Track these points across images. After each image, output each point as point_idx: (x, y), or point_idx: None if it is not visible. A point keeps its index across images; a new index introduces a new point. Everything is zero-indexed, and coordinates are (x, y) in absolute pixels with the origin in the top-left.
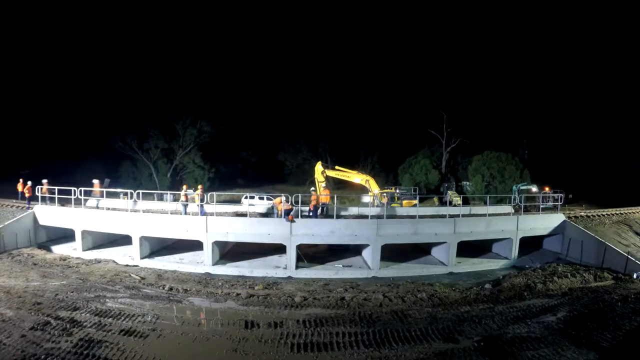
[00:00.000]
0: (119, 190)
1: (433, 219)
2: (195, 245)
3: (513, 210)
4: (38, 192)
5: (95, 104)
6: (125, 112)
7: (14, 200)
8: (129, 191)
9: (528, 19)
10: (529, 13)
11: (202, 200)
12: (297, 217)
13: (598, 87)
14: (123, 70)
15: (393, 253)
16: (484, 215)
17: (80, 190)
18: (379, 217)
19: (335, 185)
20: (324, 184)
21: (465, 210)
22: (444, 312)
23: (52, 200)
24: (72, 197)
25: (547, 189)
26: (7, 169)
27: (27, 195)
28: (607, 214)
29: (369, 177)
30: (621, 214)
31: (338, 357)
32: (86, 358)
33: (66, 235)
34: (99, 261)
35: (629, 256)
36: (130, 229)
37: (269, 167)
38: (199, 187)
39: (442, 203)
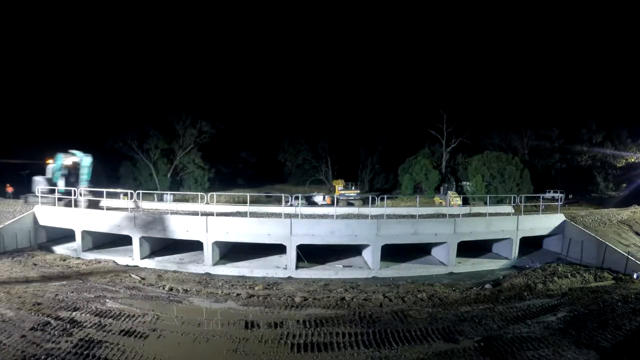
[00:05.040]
0: (119, 190)
1: (433, 219)
2: (195, 245)
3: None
4: (38, 192)
5: (95, 104)
6: (125, 112)
7: (13, 200)
8: (129, 191)
9: (528, 19)
10: (528, 13)
11: None
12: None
13: (599, 85)
14: (123, 71)
15: (393, 253)
16: (484, 215)
17: (81, 191)
18: (379, 217)
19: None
20: None
21: (465, 210)
22: (444, 312)
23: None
24: (72, 197)
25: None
26: (7, 169)
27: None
28: (607, 214)
29: None
30: (621, 214)
31: (338, 357)
32: (86, 358)
33: (66, 236)
34: (99, 261)
35: (629, 256)
36: (130, 229)
37: (269, 167)
38: None
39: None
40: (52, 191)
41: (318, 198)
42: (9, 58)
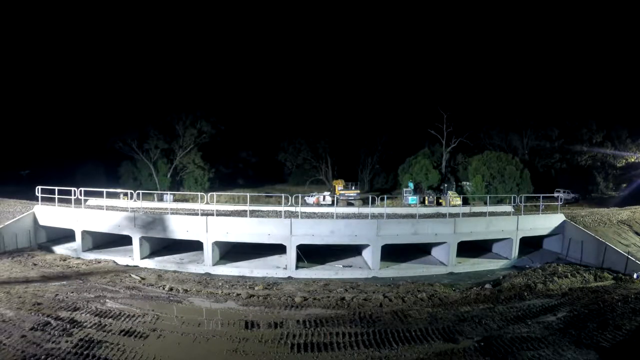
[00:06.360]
0: (119, 190)
1: (433, 219)
2: (195, 245)
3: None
4: (38, 192)
5: (95, 104)
6: (125, 112)
7: (13, 200)
8: (129, 191)
9: (528, 18)
10: (528, 13)
11: None
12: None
13: (599, 85)
14: (123, 71)
15: (393, 253)
16: (484, 215)
17: (81, 191)
18: (379, 217)
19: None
20: None
21: (465, 210)
22: (444, 312)
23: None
24: (72, 197)
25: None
26: (8, 169)
27: None
28: (607, 214)
29: None
30: (621, 214)
31: (338, 357)
32: (86, 358)
33: (66, 236)
34: (99, 261)
35: (629, 256)
36: (130, 229)
37: (269, 167)
38: None
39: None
40: (52, 191)
41: (313, 199)
42: (9, 58)
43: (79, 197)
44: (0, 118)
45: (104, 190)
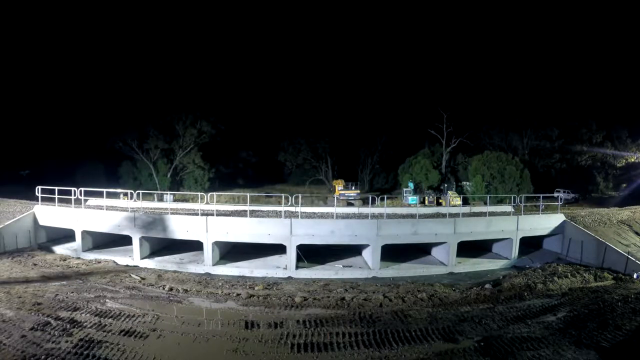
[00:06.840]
0: (119, 190)
1: (433, 219)
2: (195, 245)
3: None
4: (38, 192)
5: (95, 104)
6: (125, 112)
7: (13, 200)
8: (129, 191)
9: (528, 18)
10: (528, 13)
11: None
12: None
13: (599, 85)
14: (123, 71)
15: (393, 253)
16: (484, 215)
17: (81, 191)
18: (379, 217)
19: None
20: None
21: (465, 210)
22: (444, 312)
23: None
24: (72, 197)
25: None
26: (8, 169)
27: None
28: (607, 214)
29: None
30: (621, 214)
31: (338, 357)
32: (86, 358)
33: (66, 236)
34: (99, 261)
35: (629, 256)
36: (130, 229)
37: (269, 167)
38: None
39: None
40: (52, 191)
41: None
42: (9, 58)
43: (79, 197)
44: (1, 118)
45: (104, 190)
